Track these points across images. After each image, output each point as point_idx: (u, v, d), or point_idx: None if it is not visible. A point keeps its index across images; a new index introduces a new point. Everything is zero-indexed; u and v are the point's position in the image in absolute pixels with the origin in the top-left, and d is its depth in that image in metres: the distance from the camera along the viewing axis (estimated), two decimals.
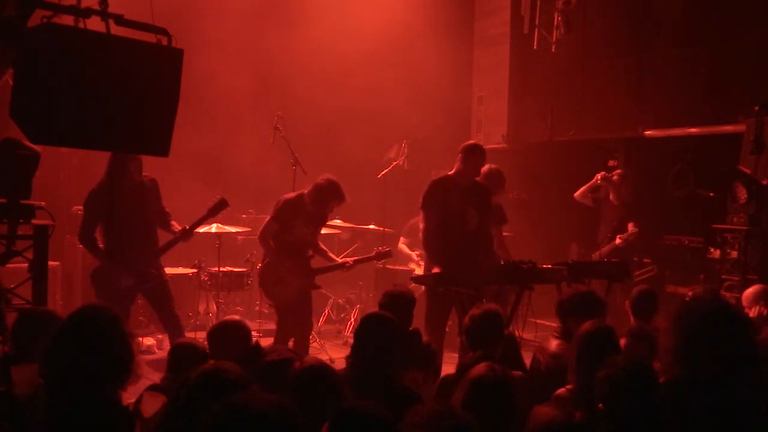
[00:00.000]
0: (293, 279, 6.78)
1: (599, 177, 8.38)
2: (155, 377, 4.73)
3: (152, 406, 3.52)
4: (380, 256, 7.39)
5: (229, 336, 4.34)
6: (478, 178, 6.79)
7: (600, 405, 3.36)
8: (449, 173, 6.72)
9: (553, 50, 9.97)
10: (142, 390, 3.79)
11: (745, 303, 5.48)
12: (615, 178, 8.35)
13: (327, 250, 7.15)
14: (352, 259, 7.28)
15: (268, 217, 6.88)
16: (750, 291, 5.56)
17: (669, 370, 3.57)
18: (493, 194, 7.10)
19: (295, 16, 10.17)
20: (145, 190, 6.42)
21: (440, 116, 10.75)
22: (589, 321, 4.21)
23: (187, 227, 6.47)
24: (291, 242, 6.77)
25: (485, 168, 7.05)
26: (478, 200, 6.70)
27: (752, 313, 5.31)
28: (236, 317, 4.68)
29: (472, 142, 6.81)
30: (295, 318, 6.84)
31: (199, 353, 4.09)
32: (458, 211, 6.60)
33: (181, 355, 4.12)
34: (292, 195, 6.91)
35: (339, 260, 7.21)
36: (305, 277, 6.85)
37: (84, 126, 4.37)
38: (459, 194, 6.61)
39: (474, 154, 6.62)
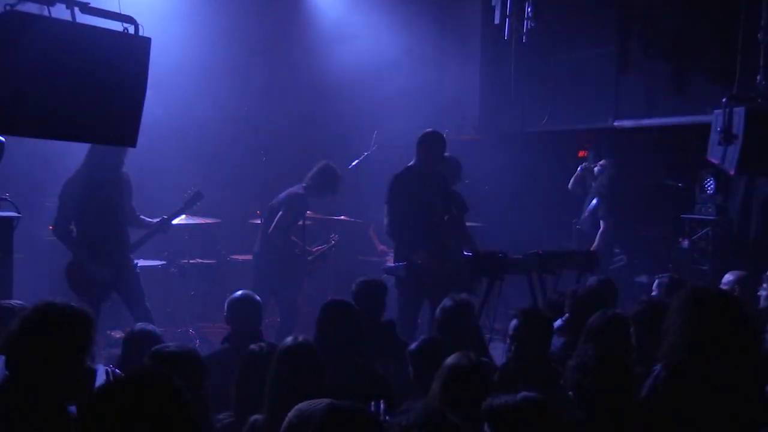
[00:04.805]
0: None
1: (580, 168, 8.60)
2: None
3: None
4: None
5: (247, 309, 4.82)
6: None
7: (570, 392, 3.40)
8: (410, 165, 6.69)
9: (524, 41, 9.97)
10: None
11: (724, 283, 5.84)
12: (594, 169, 8.49)
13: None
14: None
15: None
16: (730, 275, 5.94)
17: (670, 357, 3.63)
18: (451, 183, 7.18)
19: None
20: (123, 181, 6.38)
21: (411, 106, 10.69)
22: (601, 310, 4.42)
23: (165, 217, 6.50)
24: None
25: None
26: (442, 189, 6.70)
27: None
28: (250, 292, 5.00)
29: (429, 130, 6.75)
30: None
31: (153, 340, 4.18)
32: (426, 201, 6.59)
33: (136, 342, 4.24)
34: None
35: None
36: None
37: (49, 116, 4.28)
38: (424, 184, 6.60)
39: (432, 142, 6.61)
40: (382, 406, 3.27)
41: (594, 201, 8.70)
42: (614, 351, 3.60)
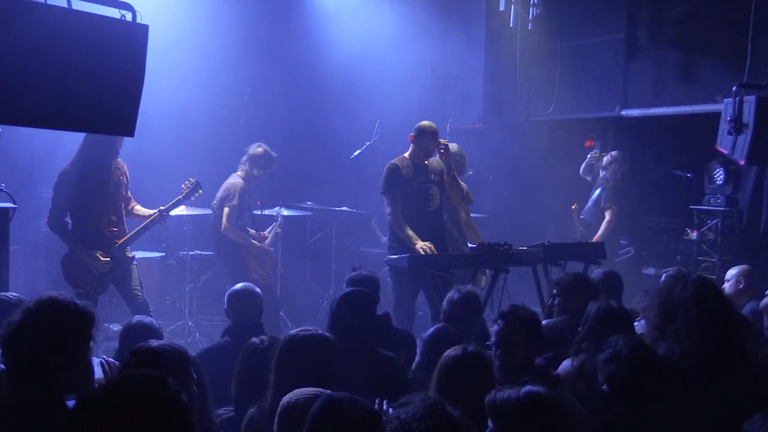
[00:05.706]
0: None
1: (589, 156, 8.57)
2: None
3: None
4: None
5: (247, 302, 4.79)
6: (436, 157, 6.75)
7: (603, 386, 3.35)
8: (405, 155, 6.66)
9: (530, 28, 9.86)
10: None
11: (728, 278, 5.90)
12: (604, 159, 8.43)
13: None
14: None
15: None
16: (734, 269, 5.94)
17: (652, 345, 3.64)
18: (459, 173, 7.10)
19: None
20: (119, 171, 6.29)
21: (415, 95, 10.60)
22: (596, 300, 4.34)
23: (162, 208, 6.40)
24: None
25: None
26: (436, 178, 6.64)
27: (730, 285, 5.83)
28: (250, 285, 4.98)
29: (423, 122, 6.70)
30: None
31: (151, 333, 4.15)
32: (420, 190, 6.56)
33: (133, 334, 4.17)
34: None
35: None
36: None
37: (45, 105, 4.20)
38: (418, 174, 6.57)
39: (424, 133, 6.56)
40: (385, 405, 3.21)
41: (598, 191, 8.63)
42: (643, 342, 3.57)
